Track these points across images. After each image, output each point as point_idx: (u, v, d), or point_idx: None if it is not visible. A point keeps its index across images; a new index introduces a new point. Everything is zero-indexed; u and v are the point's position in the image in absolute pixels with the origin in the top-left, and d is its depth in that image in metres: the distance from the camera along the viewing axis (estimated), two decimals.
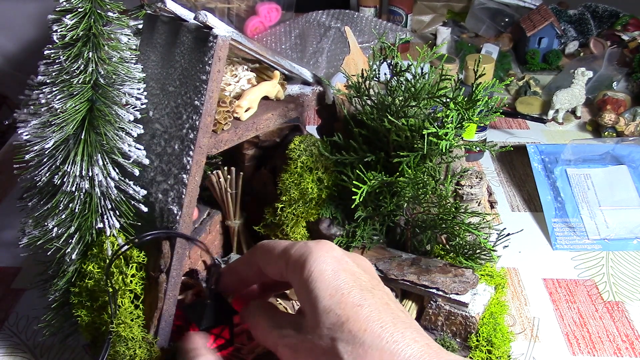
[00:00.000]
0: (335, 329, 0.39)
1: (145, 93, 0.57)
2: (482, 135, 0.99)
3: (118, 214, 0.56)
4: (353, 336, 0.38)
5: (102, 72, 0.53)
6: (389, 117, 0.60)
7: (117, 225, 0.55)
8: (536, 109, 1.15)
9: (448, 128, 0.56)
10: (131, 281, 0.55)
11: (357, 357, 0.38)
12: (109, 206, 0.55)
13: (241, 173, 0.67)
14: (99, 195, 0.55)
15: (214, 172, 0.67)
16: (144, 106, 0.57)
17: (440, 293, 0.61)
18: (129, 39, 0.55)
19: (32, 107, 0.54)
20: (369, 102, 0.64)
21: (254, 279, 0.51)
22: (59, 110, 0.52)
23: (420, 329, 0.40)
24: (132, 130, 0.55)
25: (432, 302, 0.62)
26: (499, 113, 0.59)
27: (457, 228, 0.62)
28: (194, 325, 0.55)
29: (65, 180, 0.53)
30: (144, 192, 0.56)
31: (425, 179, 0.59)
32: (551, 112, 1.11)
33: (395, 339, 0.37)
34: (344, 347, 0.38)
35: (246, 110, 0.64)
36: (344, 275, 0.41)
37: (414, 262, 0.64)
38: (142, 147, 0.56)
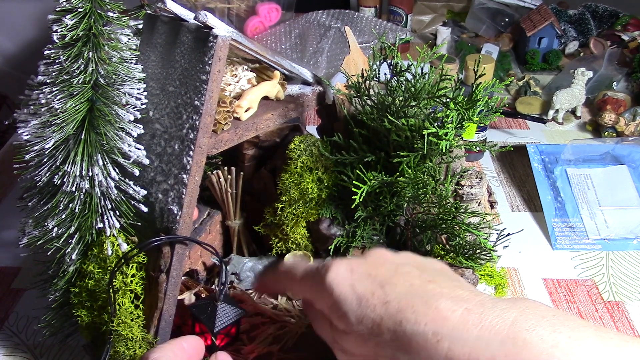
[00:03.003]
0: (373, 336, 0.40)
1: (145, 93, 0.57)
2: (482, 135, 0.99)
3: (118, 214, 0.56)
4: (391, 334, 0.38)
5: (102, 72, 0.53)
6: (389, 117, 0.60)
7: (117, 225, 0.55)
8: (536, 109, 1.15)
9: (448, 128, 0.56)
10: (131, 281, 0.55)
11: (403, 350, 0.38)
12: (109, 206, 0.55)
13: (241, 173, 0.67)
14: (99, 195, 0.55)
15: (214, 172, 0.67)
16: (144, 106, 0.57)
17: None
18: (129, 39, 0.55)
19: (32, 107, 0.54)
20: (369, 102, 0.64)
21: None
22: (59, 110, 0.52)
23: (456, 289, 0.39)
24: (132, 130, 0.55)
25: None
26: (499, 113, 0.59)
27: (457, 228, 0.62)
28: (202, 326, 0.55)
29: (65, 180, 0.53)
30: (144, 192, 0.56)
31: (425, 179, 0.59)
32: (551, 112, 1.11)
33: (432, 317, 0.37)
34: (387, 348, 0.39)
35: (246, 110, 0.64)
36: (360, 283, 0.42)
37: None
38: (142, 147, 0.56)
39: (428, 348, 0.36)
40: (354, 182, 0.59)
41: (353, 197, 0.58)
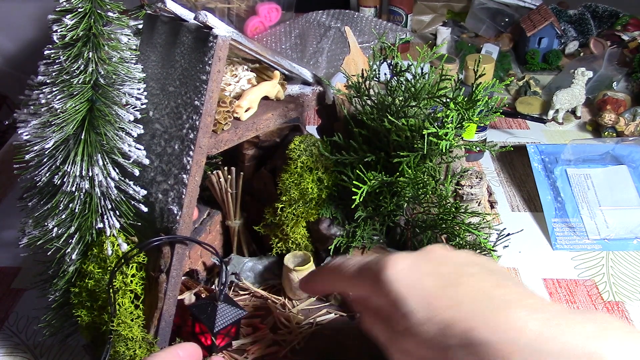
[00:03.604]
0: (440, 339, 0.38)
1: (145, 93, 0.57)
2: (482, 135, 0.99)
3: (118, 214, 0.56)
4: (461, 339, 0.37)
5: (102, 72, 0.53)
6: (389, 117, 0.60)
7: (117, 225, 0.55)
8: (536, 109, 1.15)
9: (448, 128, 0.56)
10: (131, 281, 0.55)
11: (474, 357, 0.36)
12: (109, 206, 0.55)
13: (241, 173, 0.68)
14: (99, 195, 0.55)
15: (214, 172, 0.67)
16: (144, 106, 0.57)
17: None
18: (129, 39, 0.55)
19: (32, 107, 0.54)
20: (369, 102, 0.64)
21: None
22: (59, 110, 0.52)
23: (527, 297, 0.38)
24: (132, 130, 0.55)
25: None
26: (499, 113, 0.59)
27: (457, 228, 0.62)
28: (202, 326, 0.55)
29: (65, 180, 0.53)
30: (144, 192, 0.56)
31: (425, 179, 0.59)
32: (551, 112, 1.11)
33: (504, 328, 0.35)
34: (457, 352, 0.37)
35: (246, 110, 0.64)
36: (422, 282, 0.40)
37: None
38: (142, 147, 0.56)
39: (501, 358, 0.35)
40: (354, 182, 0.59)
41: (353, 197, 0.58)
